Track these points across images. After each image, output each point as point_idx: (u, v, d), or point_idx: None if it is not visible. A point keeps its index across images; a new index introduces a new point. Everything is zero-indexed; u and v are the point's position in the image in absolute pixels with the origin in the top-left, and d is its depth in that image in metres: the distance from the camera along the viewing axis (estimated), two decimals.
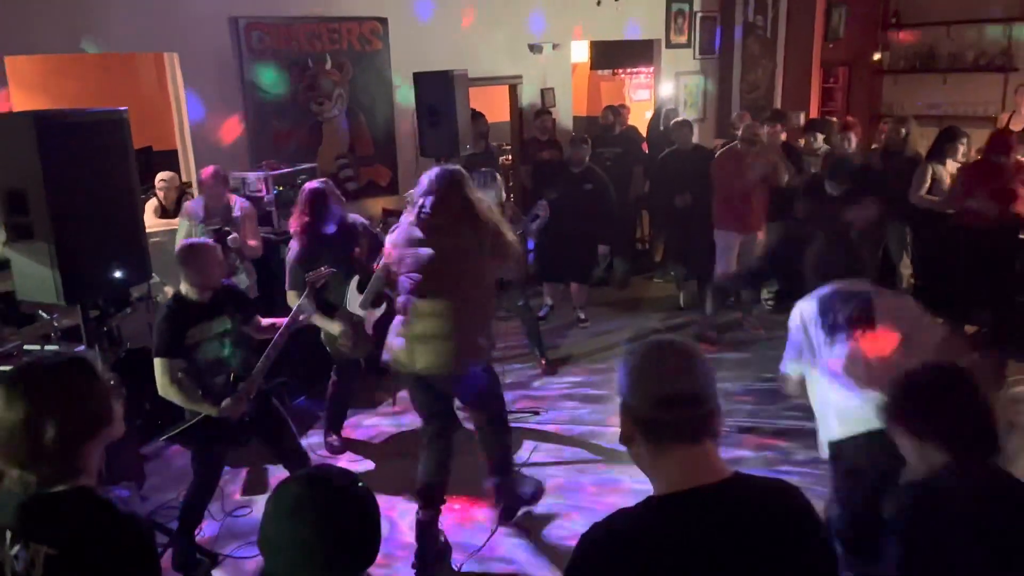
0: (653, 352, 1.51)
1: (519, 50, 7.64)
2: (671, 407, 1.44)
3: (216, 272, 3.55)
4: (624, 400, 1.51)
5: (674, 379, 1.46)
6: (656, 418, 1.46)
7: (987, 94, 8.89)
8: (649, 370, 1.49)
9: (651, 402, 1.46)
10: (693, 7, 8.91)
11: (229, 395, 3.50)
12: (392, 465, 4.54)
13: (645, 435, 1.47)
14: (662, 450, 1.46)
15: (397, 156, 6.99)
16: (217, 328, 3.55)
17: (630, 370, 1.50)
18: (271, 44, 6.13)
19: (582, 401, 5.38)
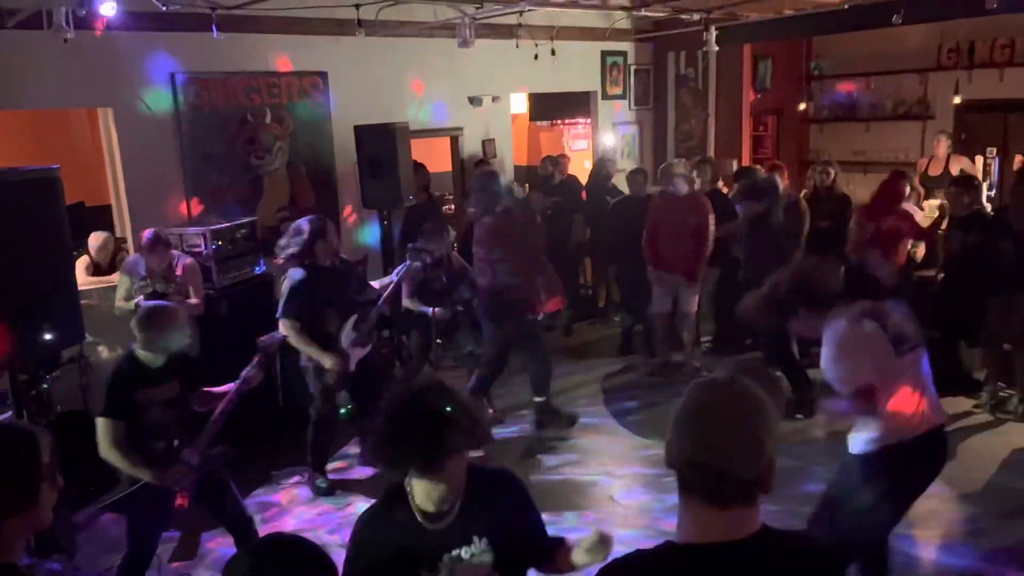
0: (707, 403, 1.43)
1: (459, 102, 7.76)
2: (700, 472, 1.39)
3: (176, 338, 3.46)
4: (672, 432, 1.44)
5: (708, 446, 1.38)
6: (686, 475, 1.41)
7: (906, 141, 9.34)
8: (693, 425, 1.41)
9: (683, 457, 1.40)
10: (627, 60, 9.19)
11: (169, 462, 3.38)
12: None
13: (678, 479, 1.43)
14: (687, 500, 1.42)
15: (339, 208, 6.97)
16: (166, 393, 3.44)
17: (682, 411, 1.44)
18: (209, 99, 6.09)
19: (529, 448, 5.36)
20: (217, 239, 5.35)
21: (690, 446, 1.40)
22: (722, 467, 1.37)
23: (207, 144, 6.11)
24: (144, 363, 3.41)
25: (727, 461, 1.37)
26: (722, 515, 1.39)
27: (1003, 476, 4.74)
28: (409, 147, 6.20)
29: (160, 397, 3.42)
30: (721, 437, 1.38)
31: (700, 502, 1.40)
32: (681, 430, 1.42)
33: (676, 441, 1.42)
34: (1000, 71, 8.44)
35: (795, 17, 7.56)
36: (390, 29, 6.74)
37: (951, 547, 4.06)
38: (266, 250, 5.99)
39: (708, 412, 1.41)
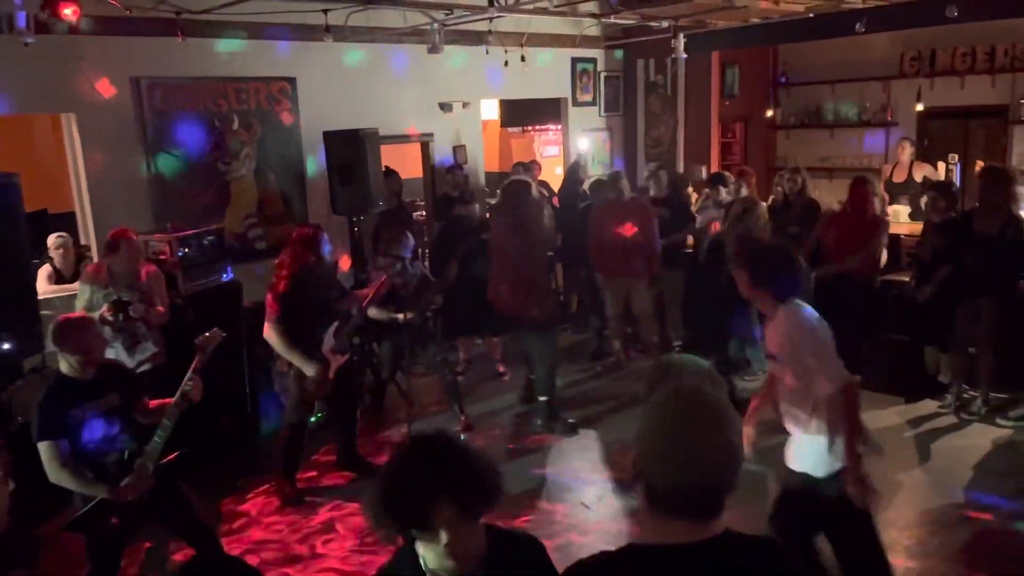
0: (683, 420, 1.39)
1: (430, 108, 7.74)
2: (688, 492, 1.37)
3: (97, 347, 3.38)
4: (639, 452, 1.42)
5: (700, 466, 1.36)
6: (663, 495, 1.39)
7: (871, 147, 9.50)
8: (677, 445, 1.37)
9: (667, 481, 1.38)
10: (597, 67, 9.24)
11: (124, 475, 3.30)
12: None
13: (648, 496, 1.41)
14: (657, 514, 1.41)
15: (308, 214, 6.91)
16: (104, 405, 3.35)
17: (655, 429, 1.41)
18: (174, 104, 6.01)
19: (503, 456, 5.34)
20: (183, 246, 5.27)
21: (682, 467, 1.36)
22: (717, 484, 1.37)
23: (172, 150, 6.03)
24: (73, 379, 3.31)
25: (721, 477, 1.37)
26: (693, 525, 1.39)
27: (966, 476, 4.82)
28: (379, 153, 6.17)
29: (100, 409, 3.32)
30: (712, 452, 1.37)
31: (676, 517, 1.39)
32: (662, 452, 1.39)
33: (658, 462, 1.39)
34: (961, 79, 8.62)
35: (761, 25, 7.67)
36: (359, 35, 6.72)
37: (915, 546, 4.11)
38: (234, 257, 5.94)
39: (690, 428, 1.38)
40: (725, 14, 7.11)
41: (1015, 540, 4.12)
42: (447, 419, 5.96)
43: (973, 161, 8.01)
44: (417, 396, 6.07)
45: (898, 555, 4.05)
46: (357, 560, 4.16)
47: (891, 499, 4.61)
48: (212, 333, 3.61)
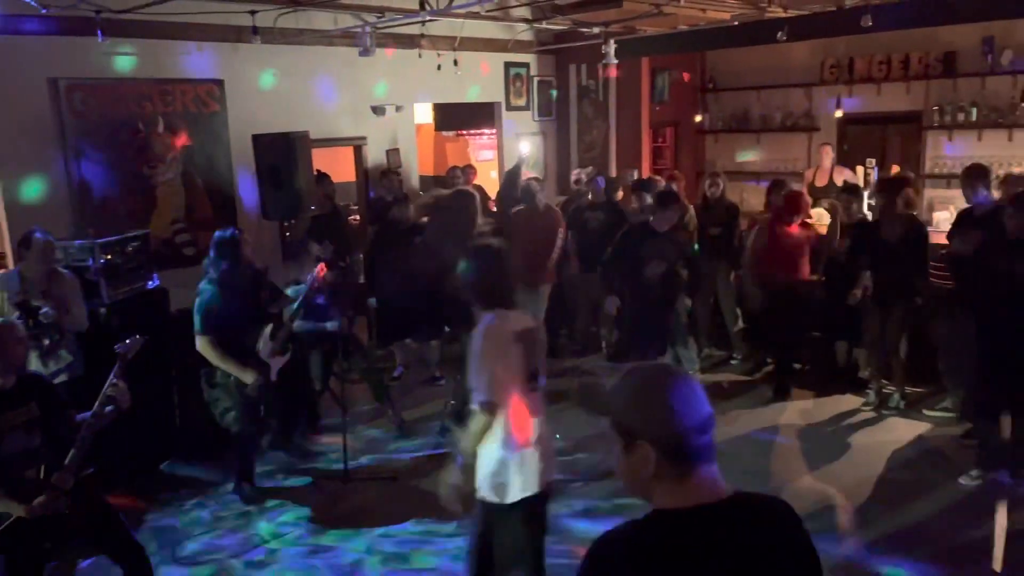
0: (674, 381, 1.53)
1: (362, 111, 7.68)
2: (703, 432, 1.50)
3: (17, 352, 3.25)
4: (640, 429, 1.51)
5: (700, 406, 1.51)
6: (689, 443, 1.49)
7: (794, 151, 9.81)
8: (678, 398, 1.51)
9: (684, 428, 1.49)
10: (530, 71, 9.31)
11: (42, 490, 3.15)
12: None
13: (673, 459, 1.50)
14: (678, 469, 1.50)
15: (238, 219, 6.77)
16: (23, 416, 3.21)
17: (656, 390, 1.52)
18: (96, 106, 5.82)
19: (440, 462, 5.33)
20: (106, 253, 5.10)
21: (689, 412, 1.49)
22: (704, 427, 1.51)
23: (94, 153, 5.83)
24: None
25: (705, 422, 1.51)
26: (704, 473, 1.51)
27: (887, 468, 5.02)
28: (310, 156, 6.09)
29: (17, 420, 3.18)
30: (699, 394, 1.52)
31: (699, 461, 1.51)
32: (670, 407, 1.50)
33: (662, 424, 1.49)
34: (878, 86, 8.97)
35: (689, 32, 7.85)
36: (289, 37, 6.62)
37: (840, 538, 4.27)
38: (160, 263, 5.78)
39: (683, 383, 1.53)
40: (653, 21, 7.26)
41: (930, 528, 4.31)
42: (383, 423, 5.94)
43: (890, 165, 8.36)
44: (352, 402, 6.02)
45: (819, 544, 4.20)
46: (294, 570, 4.11)
47: (813, 493, 4.78)
48: (133, 341, 3.50)
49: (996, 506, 4.45)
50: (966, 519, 4.37)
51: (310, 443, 5.58)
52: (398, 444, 5.65)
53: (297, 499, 4.88)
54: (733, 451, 5.31)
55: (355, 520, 4.59)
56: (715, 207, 6.93)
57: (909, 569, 3.92)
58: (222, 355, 4.59)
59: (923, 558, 3.99)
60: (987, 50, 8.17)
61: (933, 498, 4.62)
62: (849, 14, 6.17)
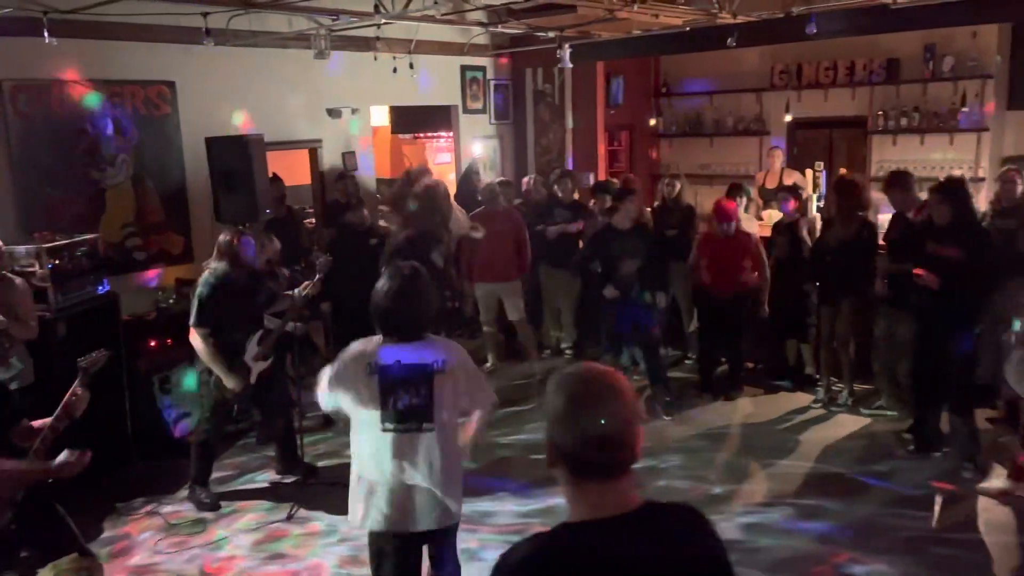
0: (589, 387, 1.51)
1: (318, 114, 7.62)
2: (602, 449, 1.48)
3: None
4: (553, 430, 1.51)
5: (609, 420, 1.47)
6: (584, 456, 1.48)
7: (746, 155, 10.01)
8: (584, 407, 1.49)
9: (582, 441, 1.48)
10: (486, 75, 9.35)
11: None
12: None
13: (569, 468, 1.50)
14: (583, 482, 1.50)
15: (191, 223, 6.67)
16: None
17: (564, 402, 1.50)
18: (42, 108, 5.69)
19: None
20: (53, 257, 4.99)
21: (591, 425, 1.47)
22: (623, 436, 1.48)
23: (40, 156, 5.70)
24: None
25: (627, 429, 1.49)
26: (612, 488, 1.50)
27: (835, 463, 5.16)
28: (265, 159, 6.03)
29: None
30: (615, 407, 1.49)
31: (593, 479, 1.50)
32: (569, 418, 1.49)
33: (565, 430, 1.49)
34: (824, 91, 9.21)
35: (642, 37, 7.96)
36: (242, 39, 6.55)
37: (793, 531, 4.37)
38: (111, 268, 5.67)
39: (593, 390, 1.51)
40: (608, 25, 7.34)
41: (880, 519, 4.45)
42: None
43: (837, 168, 8.59)
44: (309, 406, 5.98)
45: (771, 538, 4.30)
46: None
47: (765, 487, 4.90)
48: (98, 355, 3.47)
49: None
50: (914, 510, 4.52)
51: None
52: None
53: (254, 504, 4.84)
54: (686, 449, 5.41)
55: (313, 524, 4.57)
56: (672, 209, 7.04)
57: (862, 560, 4.04)
58: (213, 353, 4.63)
59: (875, 549, 4.11)
60: (928, 57, 8.44)
61: (881, 490, 4.77)
62: (796, 21, 6.32)
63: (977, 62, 8.19)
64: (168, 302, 5.98)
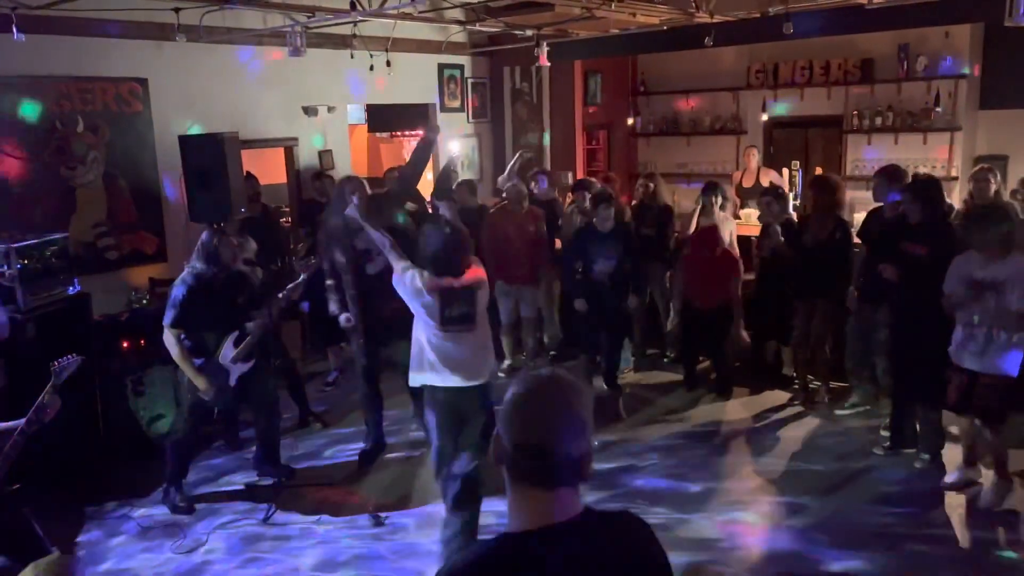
0: (529, 391, 1.49)
1: (294, 112, 7.55)
2: (525, 455, 1.45)
3: None
4: (499, 427, 1.50)
5: (536, 427, 1.45)
6: (517, 461, 1.46)
7: (723, 154, 10.06)
8: (518, 411, 1.47)
9: (513, 442, 1.46)
10: (464, 73, 9.31)
11: None
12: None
13: (507, 469, 1.48)
14: (522, 488, 1.47)
15: (164, 222, 6.58)
16: None
17: (507, 403, 1.49)
18: (10, 104, 5.58)
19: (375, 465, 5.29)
20: (22, 257, 4.89)
21: (520, 429, 1.45)
22: (552, 446, 1.44)
23: (9, 153, 5.59)
24: None
25: (556, 439, 1.44)
26: (552, 497, 1.46)
27: (813, 461, 5.19)
28: (240, 158, 5.95)
29: None
30: (550, 416, 1.45)
31: (531, 487, 1.46)
32: (509, 418, 1.48)
33: (505, 431, 1.48)
34: (800, 90, 9.27)
35: (620, 36, 7.97)
36: (216, 35, 6.47)
37: (772, 529, 4.39)
38: (82, 268, 5.57)
39: (534, 396, 1.48)
40: (585, 24, 7.34)
41: (860, 515, 4.48)
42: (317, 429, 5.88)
43: (813, 167, 8.65)
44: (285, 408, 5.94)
45: (752, 535, 4.32)
46: None
47: (744, 486, 4.91)
48: (70, 360, 3.42)
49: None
50: (890, 506, 4.55)
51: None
52: (334, 450, 5.58)
53: (229, 507, 4.78)
54: (665, 448, 5.41)
55: (290, 527, 4.52)
56: (649, 208, 7.05)
57: (838, 557, 4.06)
58: (182, 352, 4.58)
59: (851, 545, 4.14)
60: (903, 57, 8.53)
61: (860, 486, 4.81)
62: (772, 21, 6.36)
63: (950, 62, 8.29)
64: (142, 302, 5.89)
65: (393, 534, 4.41)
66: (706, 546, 4.18)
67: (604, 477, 4.88)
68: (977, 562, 4.02)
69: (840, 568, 3.98)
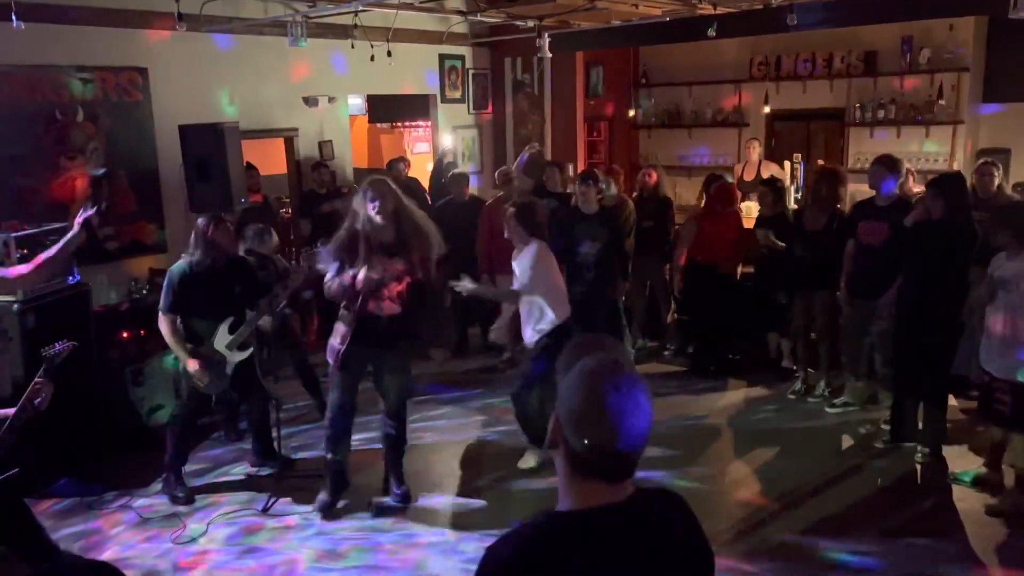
0: (613, 400, 1.41)
1: (294, 102, 7.53)
2: (618, 460, 1.42)
3: None
4: (563, 421, 1.44)
5: (627, 438, 1.40)
6: (596, 462, 1.42)
7: (725, 146, 10.03)
8: (605, 420, 1.40)
9: (599, 450, 1.41)
10: (465, 64, 9.28)
11: None
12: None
13: (571, 465, 1.45)
14: (577, 476, 1.45)
15: (164, 212, 6.57)
16: None
17: (583, 407, 1.42)
18: (9, 93, 5.56)
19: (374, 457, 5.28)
20: (23, 246, 4.88)
21: (608, 443, 1.40)
22: (637, 452, 1.43)
23: (9, 143, 5.58)
24: None
25: (639, 447, 1.43)
26: (612, 487, 1.46)
27: (813, 454, 5.19)
28: (240, 148, 5.94)
29: None
30: (637, 426, 1.42)
31: (597, 479, 1.45)
32: (587, 420, 1.41)
33: (584, 434, 1.42)
34: (803, 83, 9.24)
35: (622, 27, 7.93)
36: (216, 25, 6.44)
37: (771, 521, 4.39)
38: (81, 258, 5.55)
39: (622, 399, 1.41)
40: (587, 15, 7.31)
41: (859, 508, 4.48)
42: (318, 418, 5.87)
43: (815, 160, 8.62)
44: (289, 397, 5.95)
45: (751, 527, 4.32)
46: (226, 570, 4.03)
47: (741, 479, 4.91)
48: (63, 346, 3.39)
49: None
50: (890, 500, 4.56)
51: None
52: None
53: (229, 497, 4.78)
54: (665, 441, 5.41)
55: (289, 518, 4.52)
56: (649, 200, 7.03)
57: (839, 549, 4.06)
58: (175, 338, 4.61)
59: (852, 538, 4.14)
60: (906, 49, 8.49)
61: (860, 480, 4.81)
62: (775, 13, 6.33)
63: (953, 55, 8.25)
64: (142, 292, 5.88)
65: (393, 524, 4.41)
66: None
67: None
68: (980, 557, 4.01)
69: (840, 561, 3.98)
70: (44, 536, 3.40)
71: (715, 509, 4.48)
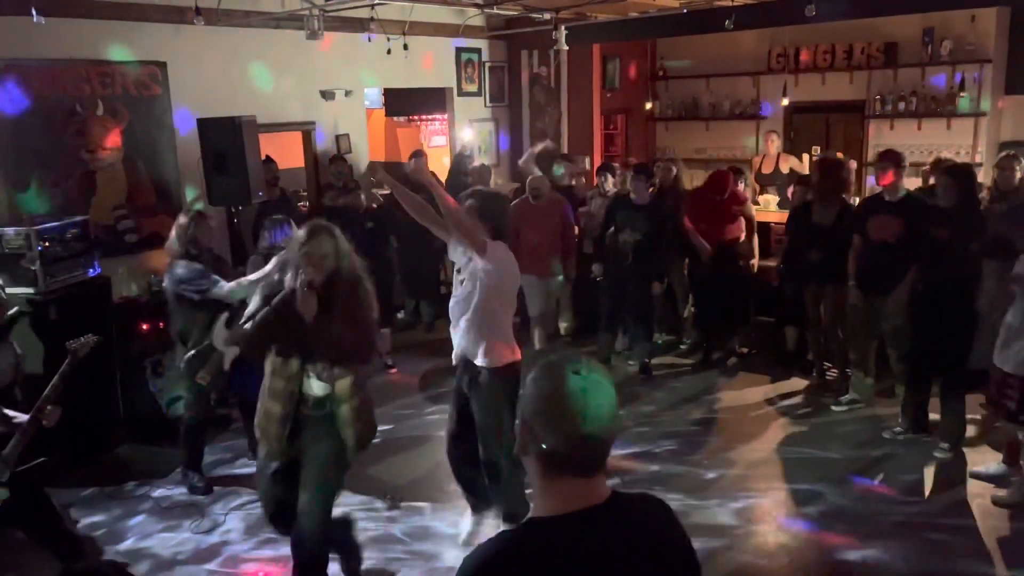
0: (573, 383, 1.43)
1: (311, 96, 7.55)
2: (586, 449, 1.43)
3: None
4: (528, 421, 1.45)
5: (592, 420, 1.41)
6: (565, 455, 1.43)
7: (743, 139, 9.96)
8: (567, 404, 1.42)
9: (565, 440, 1.42)
10: (482, 57, 9.27)
11: None
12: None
13: (542, 463, 1.45)
14: (557, 479, 1.46)
15: (183, 205, 6.61)
16: None
17: (550, 396, 1.44)
18: (30, 88, 5.62)
19: (391, 449, 5.31)
20: (43, 240, 4.94)
21: (572, 424, 1.41)
22: (605, 439, 1.44)
23: (30, 137, 5.64)
24: None
25: (608, 433, 1.44)
26: (588, 484, 1.46)
27: (828, 447, 5.16)
28: (257, 141, 5.97)
29: None
30: (601, 406, 1.43)
31: (572, 476, 1.45)
32: (555, 416, 1.43)
33: (543, 425, 1.43)
34: (822, 75, 9.15)
35: (639, 19, 7.90)
36: (234, 18, 6.47)
37: (787, 516, 4.38)
38: (102, 250, 5.62)
39: (583, 388, 1.43)
40: (604, 7, 7.28)
41: (876, 503, 4.45)
42: None
43: (834, 153, 8.53)
44: None
45: (768, 522, 4.31)
46: (248, 566, 4.06)
47: (757, 471, 4.90)
48: (87, 339, 3.44)
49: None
50: (906, 495, 4.52)
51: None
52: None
53: (246, 487, 4.82)
54: (681, 435, 5.40)
55: None
56: (669, 193, 6.99)
57: (854, 545, 4.04)
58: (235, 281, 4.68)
59: (867, 534, 4.12)
60: (927, 41, 8.39)
61: (877, 474, 4.77)
62: (794, 4, 6.26)
63: (975, 46, 8.14)
64: (161, 285, 5.93)
65: (408, 517, 4.44)
66: (721, 532, 4.17)
67: (620, 463, 4.88)
68: (998, 553, 3.98)
69: (857, 557, 3.96)
70: (65, 526, 3.45)
71: (728, 504, 4.47)
